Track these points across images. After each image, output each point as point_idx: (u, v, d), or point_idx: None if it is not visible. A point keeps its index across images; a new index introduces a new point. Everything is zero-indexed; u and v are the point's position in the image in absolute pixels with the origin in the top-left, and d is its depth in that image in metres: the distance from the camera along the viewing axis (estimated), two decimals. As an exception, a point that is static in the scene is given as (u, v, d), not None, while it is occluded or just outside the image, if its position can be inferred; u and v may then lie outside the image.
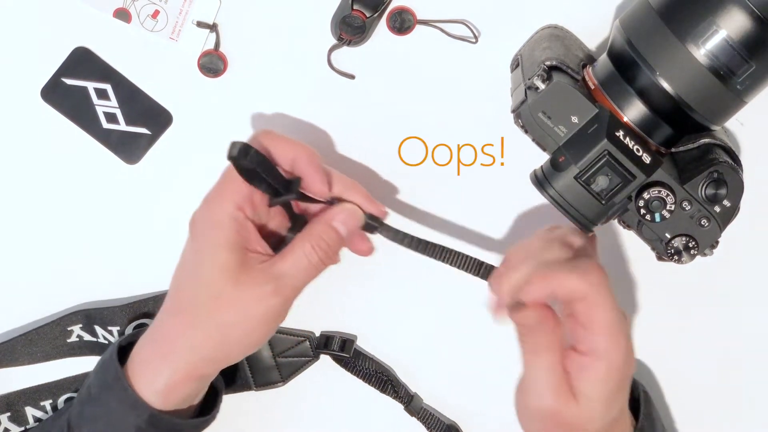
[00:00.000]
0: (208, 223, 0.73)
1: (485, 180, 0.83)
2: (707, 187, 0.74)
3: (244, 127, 0.83)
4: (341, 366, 0.83)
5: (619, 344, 0.69)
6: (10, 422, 0.83)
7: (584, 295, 0.69)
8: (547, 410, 0.70)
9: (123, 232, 0.84)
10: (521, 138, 0.78)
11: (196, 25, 0.82)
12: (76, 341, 0.83)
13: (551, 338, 0.70)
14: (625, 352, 0.69)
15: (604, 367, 0.69)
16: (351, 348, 0.83)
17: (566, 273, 0.69)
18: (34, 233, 0.84)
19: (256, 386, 0.83)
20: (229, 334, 0.73)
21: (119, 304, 0.83)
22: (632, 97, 0.74)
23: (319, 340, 0.84)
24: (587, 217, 0.75)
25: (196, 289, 0.73)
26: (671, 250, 0.76)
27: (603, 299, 0.69)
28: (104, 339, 0.83)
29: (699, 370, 0.84)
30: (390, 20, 0.81)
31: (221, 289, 0.72)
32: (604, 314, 0.69)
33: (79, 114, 0.83)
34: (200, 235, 0.74)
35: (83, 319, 0.83)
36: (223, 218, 0.73)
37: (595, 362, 0.69)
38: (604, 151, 0.74)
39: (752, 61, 0.71)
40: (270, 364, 0.83)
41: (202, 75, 0.82)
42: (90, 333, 0.83)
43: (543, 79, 0.74)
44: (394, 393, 0.83)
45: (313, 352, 0.84)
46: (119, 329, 0.83)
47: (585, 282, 0.69)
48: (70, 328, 0.83)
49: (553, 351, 0.70)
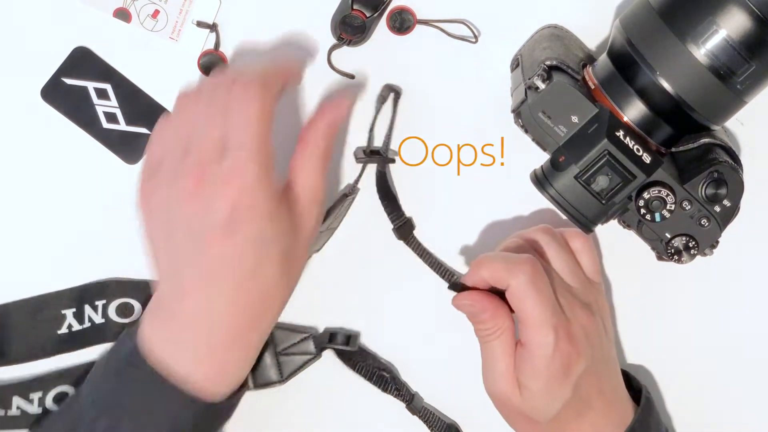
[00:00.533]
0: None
1: (485, 180, 0.83)
2: (707, 187, 0.74)
3: (244, 127, 0.83)
4: (344, 362, 0.83)
5: (545, 338, 0.71)
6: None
7: (509, 285, 0.71)
8: (499, 396, 0.74)
9: (123, 232, 0.84)
10: (521, 138, 0.78)
11: (196, 25, 0.82)
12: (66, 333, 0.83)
13: (499, 327, 0.73)
14: (552, 346, 0.71)
15: (535, 360, 0.71)
16: (356, 342, 0.83)
17: (497, 262, 0.72)
18: (34, 233, 0.84)
19: (255, 386, 0.83)
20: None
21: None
22: (632, 97, 0.75)
23: (323, 336, 0.84)
24: (587, 217, 0.75)
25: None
26: (671, 249, 0.76)
27: (527, 292, 0.71)
28: (89, 322, 0.83)
29: (699, 370, 0.84)
30: (390, 20, 0.81)
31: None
32: (531, 307, 0.71)
33: (79, 114, 0.83)
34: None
35: (76, 302, 0.83)
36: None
37: (527, 354, 0.72)
38: (604, 150, 0.74)
39: (752, 60, 0.71)
40: (270, 362, 0.83)
41: (202, 75, 0.82)
42: (78, 320, 0.83)
43: (543, 79, 0.74)
44: (396, 391, 0.83)
45: (315, 349, 0.83)
46: (104, 303, 0.83)
47: (509, 273, 0.71)
48: (63, 311, 0.83)
49: (502, 340, 0.73)
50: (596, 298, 0.77)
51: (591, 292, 0.76)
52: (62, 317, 0.83)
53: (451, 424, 0.83)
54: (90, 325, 0.83)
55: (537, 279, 0.71)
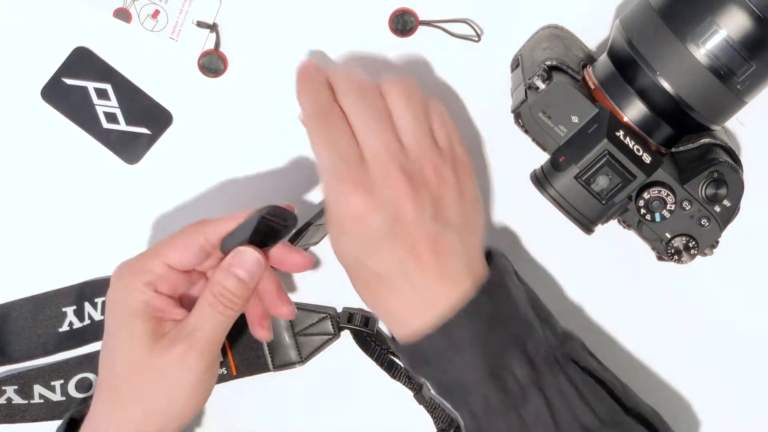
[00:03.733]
0: (119, 302, 0.73)
1: (485, 180, 0.83)
2: (707, 187, 0.74)
3: (244, 127, 0.83)
4: (359, 345, 0.83)
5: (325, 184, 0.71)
6: (15, 394, 0.83)
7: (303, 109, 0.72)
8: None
9: (123, 232, 0.84)
10: (521, 138, 0.78)
11: (196, 25, 0.82)
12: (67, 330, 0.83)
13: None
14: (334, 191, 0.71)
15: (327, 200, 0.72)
16: (374, 325, 0.83)
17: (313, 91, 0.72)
18: (33, 233, 0.84)
19: (274, 367, 0.83)
20: (153, 404, 0.72)
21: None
22: (632, 97, 0.75)
23: (342, 316, 0.83)
24: (587, 217, 0.75)
25: (113, 364, 0.73)
26: (671, 249, 0.76)
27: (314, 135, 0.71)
28: (89, 319, 0.83)
29: (699, 370, 0.84)
30: (392, 22, 0.81)
31: (136, 359, 0.72)
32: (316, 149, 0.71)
33: (79, 114, 0.83)
34: (112, 313, 0.73)
35: (76, 299, 0.83)
36: (133, 296, 0.73)
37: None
38: (605, 150, 0.74)
39: (752, 61, 0.71)
40: (289, 342, 0.83)
41: (202, 75, 0.82)
42: (79, 317, 0.83)
43: (543, 79, 0.74)
44: (406, 379, 0.83)
45: (334, 329, 0.83)
46: (103, 300, 0.82)
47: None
48: (64, 309, 0.83)
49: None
50: (437, 167, 0.72)
51: (429, 158, 0.72)
52: (63, 315, 0.83)
53: (455, 419, 0.84)
54: (90, 323, 0.83)
55: (327, 127, 0.71)
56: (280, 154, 0.83)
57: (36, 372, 0.83)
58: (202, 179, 0.83)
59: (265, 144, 0.83)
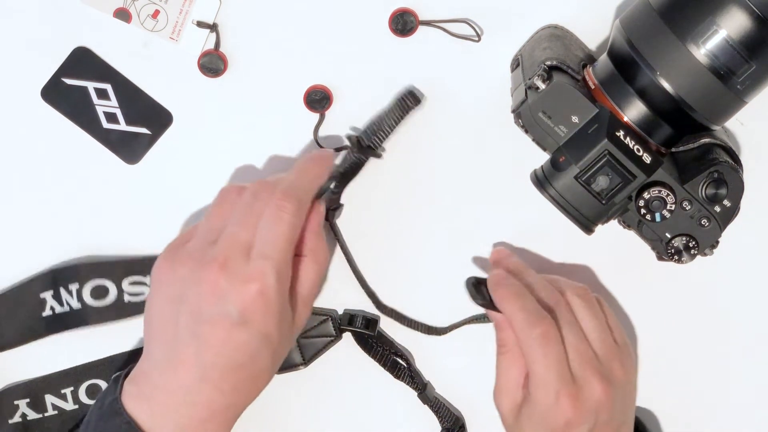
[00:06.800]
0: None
1: (486, 180, 0.83)
2: (707, 187, 0.74)
3: (244, 127, 0.83)
4: (361, 347, 0.83)
5: (545, 397, 0.74)
6: (28, 408, 0.83)
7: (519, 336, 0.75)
8: (497, 406, 0.77)
9: (123, 233, 0.84)
10: (521, 138, 0.78)
11: (196, 25, 0.82)
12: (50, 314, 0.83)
13: (506, 344, 0.76)
14: (552, 405, 0.73)
15: (536, 406, 0.74)
16: (375, 327, 0.83)
17: (517, 305, 0.75)
18: (33, 233, 0.84)
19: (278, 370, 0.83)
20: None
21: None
22: (632, 97, 0.75)
23: (343, 318, 0.84)
24: (587, 217, 0.75)
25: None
26: (671, 250, 0.76)
27: (535, 351, 0.73)
28: (67, 306, 0.83)
29: (699, 370, 0.84)
30: (392, 22, 0.81)
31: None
32: (536, 366, 0.73)
33: (79, 114, 0.83)
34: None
35: (51, 284, 0.83)
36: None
37: (531, 396, 0.75)
38: (605, 150, 0.74)
39: (752, 61, 0.71)
40: (292, 345, 0.83)
41: (202, 75, 0.82)
42: (58, 301, 0.83)
43: (543, 79, 0.74)
44: (409, 379, 0.83)
45: (335, 331, 0.83)
46: (77, 287, 0.83)
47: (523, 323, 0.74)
48: (42, 295, 0.83)
49: (508, 357, 0.76)
50: (622, 362, 0.76)
51: (616, 357, 0.76)
52: (43, 301, 0.83)
53: (459, 417, 0.84)
54: (69, 310, 0.83)
55: (547, 342, 0.73)
56: (280, 154, 0.83)
57: (44, 382, 0.83)
58: (202, 179, 0.83)
59: (265, 144, 0.83)
